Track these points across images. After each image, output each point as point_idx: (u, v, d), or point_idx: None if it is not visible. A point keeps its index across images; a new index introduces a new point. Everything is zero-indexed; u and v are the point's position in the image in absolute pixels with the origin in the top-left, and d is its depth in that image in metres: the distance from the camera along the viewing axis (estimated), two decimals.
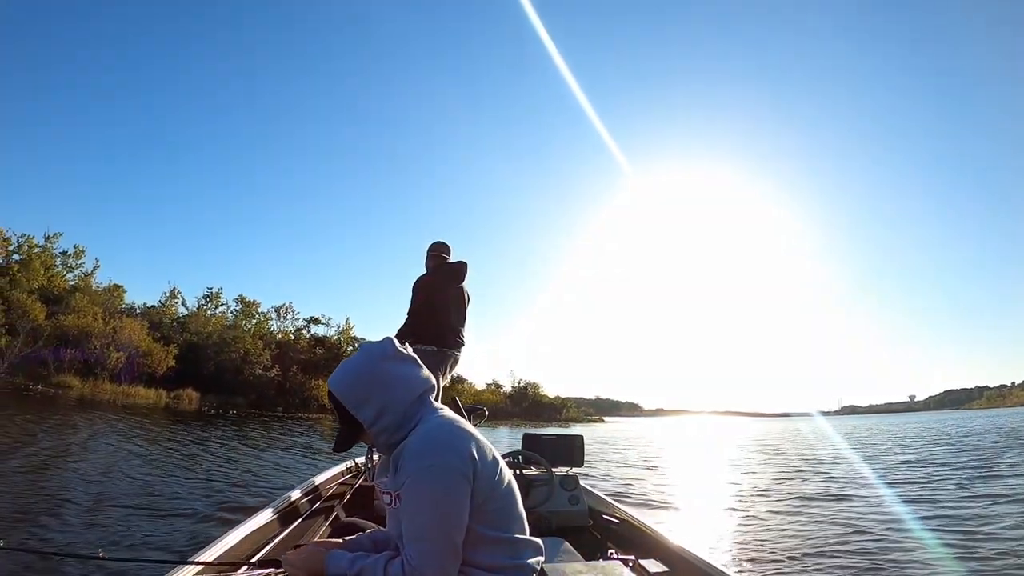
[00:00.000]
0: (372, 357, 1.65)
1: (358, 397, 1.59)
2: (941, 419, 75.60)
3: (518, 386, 77.73)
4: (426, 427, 1.58)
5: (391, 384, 1.61)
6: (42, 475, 7.73)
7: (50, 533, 4.97)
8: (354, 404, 1.60)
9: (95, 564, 3.92)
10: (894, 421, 79.20)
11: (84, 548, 4.45)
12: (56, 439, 11.77)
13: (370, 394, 1.59)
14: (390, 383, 1.61)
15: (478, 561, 1.53)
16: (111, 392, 31.32)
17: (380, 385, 1.60)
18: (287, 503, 3.33)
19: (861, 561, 5.16)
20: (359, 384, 1.61)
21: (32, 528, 5.09)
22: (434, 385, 1.72)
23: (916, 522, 6.75)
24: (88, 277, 43.32)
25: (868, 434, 33.72)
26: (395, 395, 1.60)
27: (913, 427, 44.19)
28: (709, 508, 8.42)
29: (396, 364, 1.65)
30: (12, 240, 41.41)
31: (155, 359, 35.87)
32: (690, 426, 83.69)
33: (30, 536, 4.83)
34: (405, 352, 1.70)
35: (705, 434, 44.98)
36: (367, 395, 1.59)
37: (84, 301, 36.35)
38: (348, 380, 1.63)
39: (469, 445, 1.54)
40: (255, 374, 41.86)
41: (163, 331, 40.42)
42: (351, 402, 1.60)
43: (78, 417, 17.71)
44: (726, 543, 5.95)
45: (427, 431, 1.56)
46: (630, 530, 3.40)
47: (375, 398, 1.58)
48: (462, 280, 4.72)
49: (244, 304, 50.12)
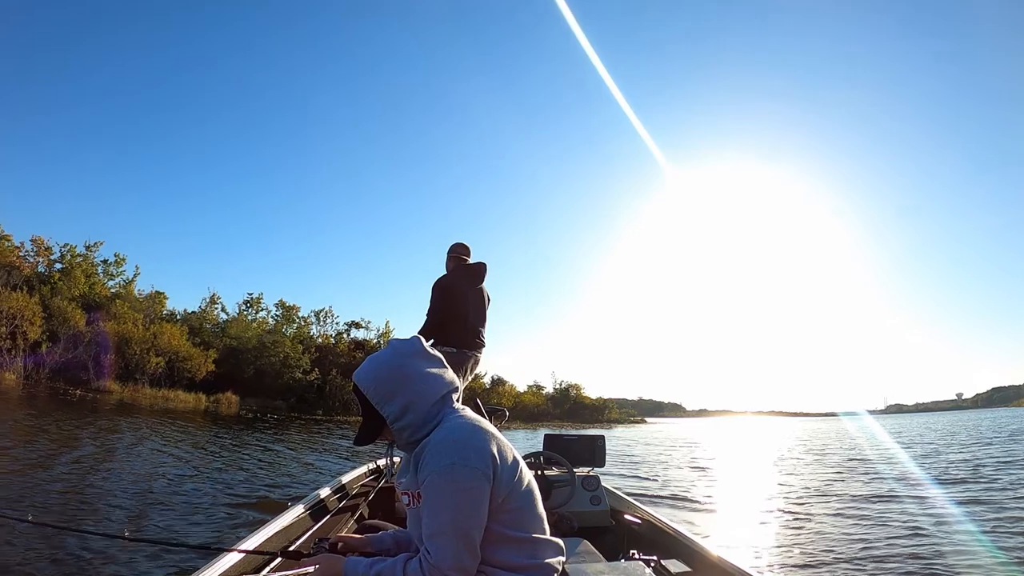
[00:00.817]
0: (400, 354, 1.66)
1: (384, 393, 1.60)
2: (991, 417, 75.65)
3: (560, 387, 76.08)
4: (447, 427, 1.57)
5: (417, 382, 1.62)
6: (88, 475, 7.91)
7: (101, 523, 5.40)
8: (379, 399, 1.60)
9: (137, 547, 4.31)
10: (944, 419, 78.19)
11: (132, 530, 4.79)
12: (100, 442, 12.02)
13: (396, 391, 1.60)
14: (416, 381, 1.62)
15: (498, 561, 1.53)
16: (150, 396, 31.17)
17: (406, 382, 1.61)
18: (316, 500, 3.38)
19: (911, 566, 4.99)
20: (386, 380, 1.61)
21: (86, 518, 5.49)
22: (458, 386, 1.72)
23: (971, 523, 6.55)
24: (129, 284, 43.72)
25: (920, 433, 33.20)
26: (420, 393, 1.60)
27: (964, 425, 43.50)
28: (756, 511, 8.04)
29: (423, 363, 1.67)
30: (54, 249, 42.14)
31: (194, 364, 35.54)
32: (735, 427, 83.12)
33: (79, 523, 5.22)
34: (433, 352, 1.72)
35: (751, 435, 44.25)
36: (393, 391, 1.60)
37: (124, 308, 36.41)
38: (375, 375, 1.63)
39: (489, 445, 1.54)
40: (295, 378, 41.42)
41: (203, 336, 40.22)
42: (376, 397, 1.61)
43: (121, 421, 17.89)
44: (770, 545, 5.83)
45: (448, 431, 1.55)
46: (652, 530, 3.39)
47: (400, 395, 1.59)
48: (482, 281, 4.67)
49: (284, 309, 49.96)
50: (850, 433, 35.60)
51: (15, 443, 10.24)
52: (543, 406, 69.81)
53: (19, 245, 40.89)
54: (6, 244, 40.77)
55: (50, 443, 10.78)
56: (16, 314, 29.11)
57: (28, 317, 29.47)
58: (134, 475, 8.15)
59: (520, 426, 48.31)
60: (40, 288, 34.27)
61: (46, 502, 5.94)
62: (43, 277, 38.54)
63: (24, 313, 29.38)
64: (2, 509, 5.23)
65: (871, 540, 5.85)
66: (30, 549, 4.17)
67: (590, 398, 79.82)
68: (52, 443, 10.80)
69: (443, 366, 1.71)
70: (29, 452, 9.26)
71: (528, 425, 50.95)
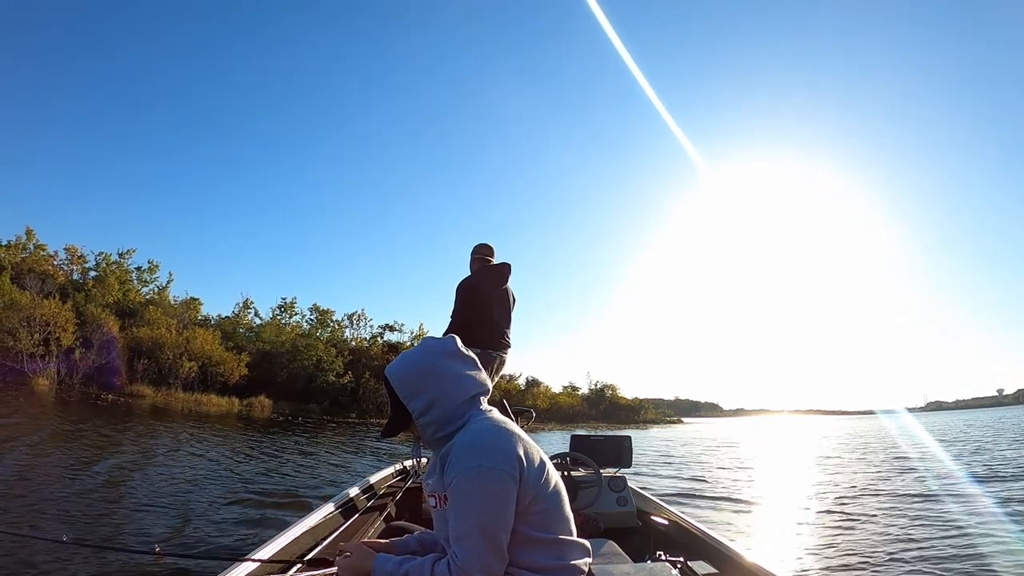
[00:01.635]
0: (431, 351, 1.66)
1: (411, 387, 1.61)
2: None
3: (595, 388, 74.45)
4: (474, 428, 1.56)
5: (446, 380, 1.62)
6: (118, 479, 8.07)
7: (135, 530, 5.42)
8: (406, 393, 1.61)
9: (157, 560, 4.28)
10: (985, 416, 77.08)
11: (162, 543, 3.89)
12: (138, 446, 12.21)
13: (423, 386, 1.60)
14: (445, 379, 1.62)
15: (525, 562, 1.53)
16: (183, 400, 30.74)
17: (434, 379, 1.61)
18: (344, 500, 3.39)
19: (951, 568, 4.81)
20: (414, 375, 1.62)
21: (113, 527, 5.52)
22: (488, 389, 1.72)
23: (1013, 523, 6.46)
24: (163, 291, 43.86)
25: (962, 430, 32.32)
26: (448, 391, 1.60)
27: (1008, 422, 42.48)
28: (789, 512, 7.88)
29: (454, 362, 1.67)
30: (88, 257, 42.48)
31: (227, 368, 35.10)
32: (772, 426, 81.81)
33: (117, 533, 5.31)
34: (466, 352, 1.71)
35: (788, 434, 43.76)
36: (420, 386, 1.60)
37: (158, 313, 36.28)
38: (404, 370, 1.64)
39: (516, 447, 1.53)
40: (328, 381, 40.74)
41: (236, 341, 39.89)
42: (403, 391, 1.62)
43: (158, 425, 17.98)
44: (803, 547, 5.72)
45: (475, 432, 1.55)
46: (679, 531, 3.34)
47: (427, 391, 1.60)
48: (506, 281, 4.64)
49: (319, 313, 49.54)
50: (889, 431, 35.04)
51: (51, 449, 10.40)
52: (578, 407, 68.25)
53: (53, 254, 41.46)
54: (41, 253, 41.38)
55: (87, 449, 10.87)
56: (50, 320, 28.99)
57: (61, 324, 29.32)
58: (169, 479, 8.39)
59: (555, 427, 47.33)
60: (74, 295, 34.44)
61: (81, 512, 5.93)
62: (77, 284, 38.85)
63: (57, 320, 29.25)
64: (37, 529, 5.30)
65: (908, 542, 5.76)
66: (62, 565, 4.21)
67: (626, 398, 78.11)
68: (89, 449, 10.89)
69: (476, 367, 1.70)
70: (66, 458, 9.44)
71: (563, 426, 49.82)
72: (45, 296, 30.88)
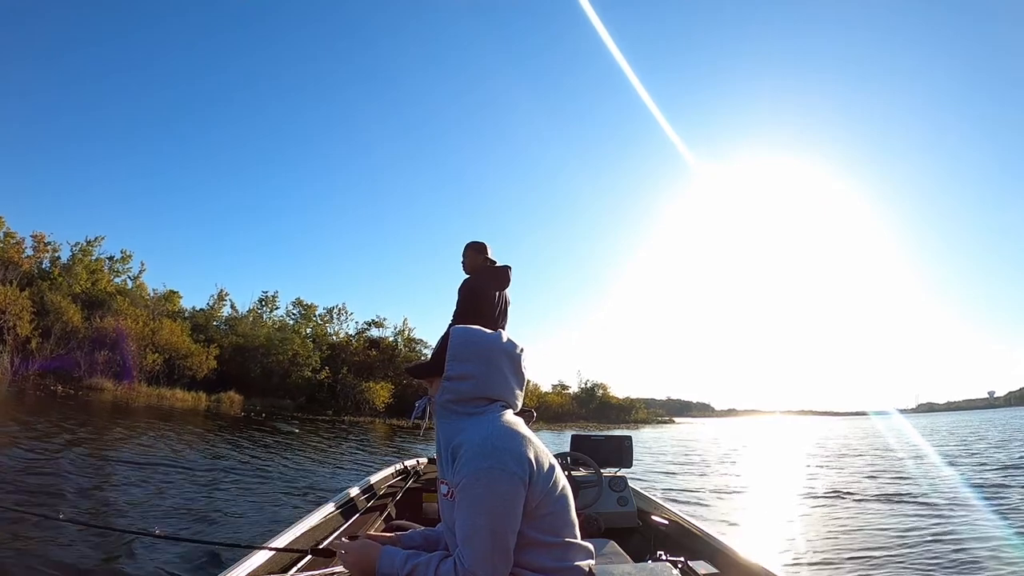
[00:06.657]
0: (499, 344, 1.68)
1: (463, 352, 1.63)
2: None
3: (585, 387, 73.12)
4: (486, 428, 1.56)
5: (493, 370, 1.63)
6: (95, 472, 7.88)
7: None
8: (455, 353, 1.63)
9: (166, 545, 4.38)
10: (976, 418, 78.62)
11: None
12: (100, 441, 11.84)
13: (473, 359, 1.63)
14: (493, 368, 1.64)
15: (529, 563, 1.53)
16: (146, 395, 29.19)
17: (485, 363, 1.63)
18: (344, 499, 3.38)
19: (944, 568, 4.94)
20: (474, 347, 1.65)
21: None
22: (516, 407, 1.71)
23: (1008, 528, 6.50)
24: (137, 279, 42.27)
25: (952, 432, 32.87)
26: (487, 380, 1.62)
27: (996, 424, 43.36)
28: (786, 512, 7.93)
29: (509, 365, 1.68)
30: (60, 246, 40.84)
31: (195, 361, 33.62)
32: (763, 426, 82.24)
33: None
34: (522, 371, 1.71)
35: (780, 435, 44.17)
36: (470, 357, 1.63)
37: (125, 304, 34.74)
38: (468, 336, 1.67)
39: (527, 450, 1.54)
40: (303, 376, 39.25)
41: (207, 333, 38.40)
42: (455, 350, 1.64)
43: (117, 421, 16.82)
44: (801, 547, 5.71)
45: (487, 433, 1.54)
46: (679, 531, 3.36)
47: (473, 364, 1.62)
48: (507, 285, 4.66)
49: (303, 307, 48.00)
50: (880, 432, 35.22)
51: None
52: (568, 406, 66.99)
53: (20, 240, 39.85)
54: (11, 241, 39.82)
55: (44, 442, 10.40)
56: (5, 309, 27.53)
57: (16, 312, 27.84)
58: (147, 473, 8.24)
59: (544, 427, 46.11)
60: (39, 283, 32.95)
61: (68, 500, 5.88)
62: (44, 273, 37.33)
63: (12, 308, 27.76)
64: (33, 507, 5.26)
65: (903, 542, 5.82)
66: (59, 546, 4.18)
67: (617, 398, 77.06)
68: (46, 442, 10.43)
69: (520, 386, 1.71)
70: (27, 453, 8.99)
71: (553, 426, 48.69)
72: (6, 284, 29.39)
